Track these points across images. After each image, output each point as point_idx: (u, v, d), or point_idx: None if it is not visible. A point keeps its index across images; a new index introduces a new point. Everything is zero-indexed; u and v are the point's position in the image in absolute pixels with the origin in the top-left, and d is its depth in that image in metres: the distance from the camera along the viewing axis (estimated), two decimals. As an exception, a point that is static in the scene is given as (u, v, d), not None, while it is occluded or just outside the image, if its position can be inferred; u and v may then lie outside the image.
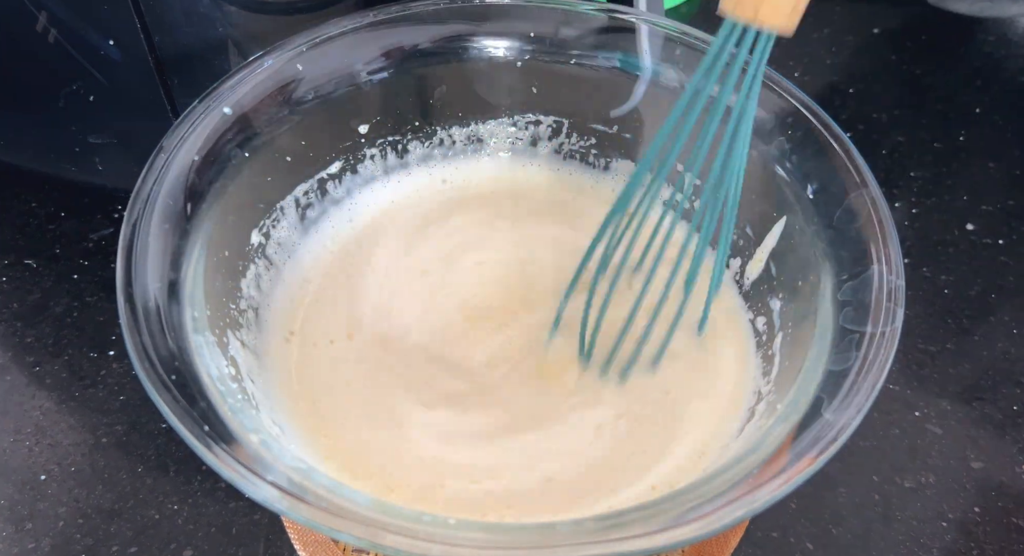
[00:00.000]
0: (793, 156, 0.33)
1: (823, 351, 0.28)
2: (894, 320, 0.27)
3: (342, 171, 0.38)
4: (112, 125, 0.41)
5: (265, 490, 0.22)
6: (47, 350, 0.41)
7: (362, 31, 0.36)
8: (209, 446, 0.23)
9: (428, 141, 0.40)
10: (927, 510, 0.36)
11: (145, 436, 0.38)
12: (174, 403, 0.24)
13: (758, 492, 0.23)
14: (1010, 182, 0.51)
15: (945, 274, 0.46)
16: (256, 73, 0.33)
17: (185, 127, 0.31)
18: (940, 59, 0.59)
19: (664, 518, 0.22)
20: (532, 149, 0.41)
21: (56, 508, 0.35)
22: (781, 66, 0.57)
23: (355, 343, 0.34)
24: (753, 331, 0.34)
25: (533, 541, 0.22)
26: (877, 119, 0.54)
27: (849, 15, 0.62)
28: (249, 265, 0.34)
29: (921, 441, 0.39)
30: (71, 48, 0.37)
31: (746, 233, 0.35)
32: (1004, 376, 0.41)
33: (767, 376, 0.32)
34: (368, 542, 0.21)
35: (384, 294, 0.36)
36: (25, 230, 0.46)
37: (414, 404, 0.32)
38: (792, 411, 0.26)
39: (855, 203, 0.30)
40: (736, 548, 0.34)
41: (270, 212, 0.35)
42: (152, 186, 0.29)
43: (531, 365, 0.34)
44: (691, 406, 0.33)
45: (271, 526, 0.35)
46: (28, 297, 0.43)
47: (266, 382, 0.32)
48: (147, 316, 0.26)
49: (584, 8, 0.37)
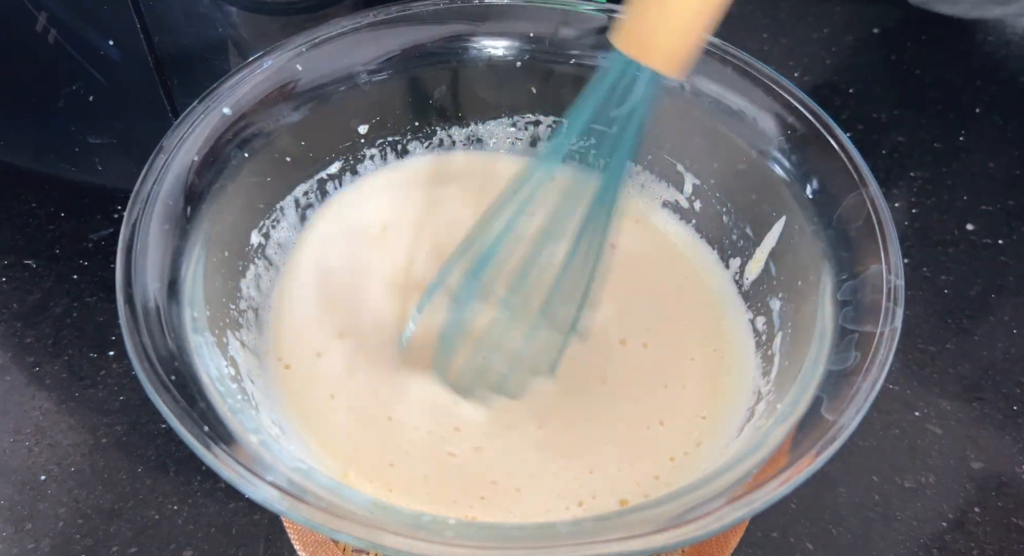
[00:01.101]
0: (793, 156, 0.33)
1: (823, 351, 0.27)
2: (894, 320, 0.27)
3: (342, 171, 0.38)
4: (112, 125, 0.41)
5: (265, 490, 0.22)
6: (47, 350, 0.41)
7: (362, 31, 0.36)
8: (208, 446, 0.23)
9: (428, 141, 0.40)
10: (927, 510, 0.36)
11: (145, 436, 0.38)
12: (173, 403, 0.24)
13: (758, 492, 0.23)
14: (1010, 182, 0.51)
15: (945, 274, 0.46)
16: (256, 73, 0.33)
17: (185, 127, 0.31)
18: (940, 59, 0.59)
19: (663, 518, 0.22)
20: (532, 150, 0.41)
21: (56, 508, 0.35)
22: (781, 66, 0.57)
23: (347, 343, 0.34)
24: (753, 331, 0.34)
25: (532, 541, 0.22)
26: (877, 119, 0.54)
27: (849, 15, 0.62)
28: (249, 265, 0.34)
29: (921, 441, 0.39)
30: (71, 48, 0.37)
31: (746, 233, 0.35)
32: (1004, 376, 0.41)
33: (767, 376, 0.32)
34: (367, 542, 0.21)
35: (382, 294, 0.36)
36: (25, 230, 0.46)
37: (407, 401, 0.32)
38: (791, 411, 0.26)
39: (855, 203, 0.30)
40: (736, 548, 0.34)
41: (270, 212, 0.35)
42: (152, 186, 0.29)
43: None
44: (690, 407, 0.33)
45: (271, 526, 0.35)
46: (28, 297, 0.43)
47: (266, 382, 0.32)
48: (147, 316, 0.26)
49: (584, 8, 0.37)
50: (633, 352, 0.34)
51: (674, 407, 0.33)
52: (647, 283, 0.37)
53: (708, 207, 0.37)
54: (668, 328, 0.35)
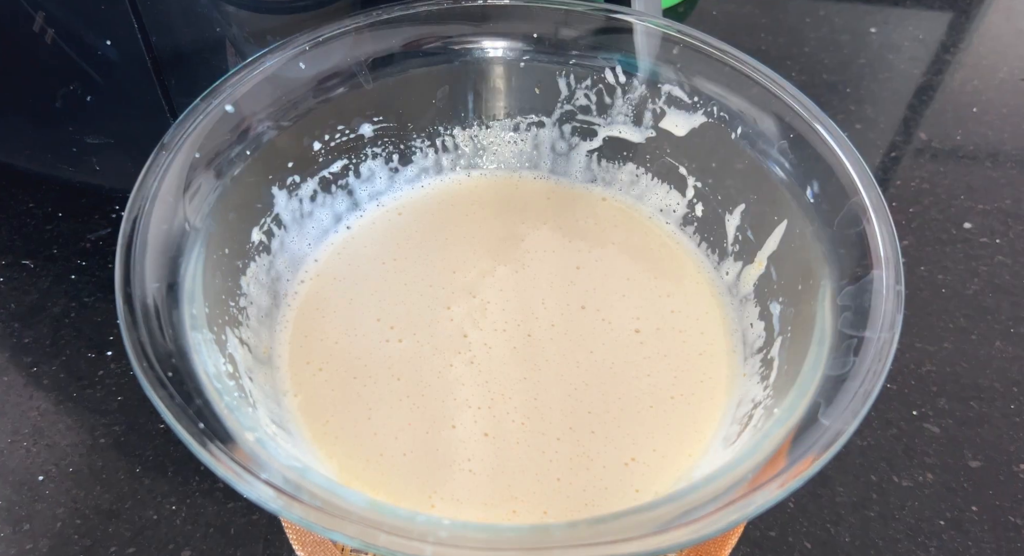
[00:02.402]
0: (792, 157, 0.33)
1: (821, 356, 0.27)
2: (893, 325, 0.27)
3: (344, 171, 0.38)
4: (109, 125, 0.41)
5: (260, 489, 0.22)
6: (44, 351, 0.41)
7: (363, 31, 0.36)
8: (204, 444, 0.23)
9: (429, 141, 0.40)
10: (925, 509, 0.36)
11: (143, 437, 0.38)
12: (170, 400, 0.24)
13: (754, 496, 0.23)
14: (1007, 181, 0.51)
15: (943, 273, 0.46)
16: (258, 71, 0.33)
17: (187, 125, 0.31)
18: (938, 59, 0.59)
19: (659, 521, 0.22)
20: (534, 151, 0.41)
21: (54, 509, 0.35)
22: (780, 66, 0.58)
23: (342, 345, 0.34)
24: (753, 335, 0.34)
25: (527, 543, 0.22)
26: (876, 119, 0.54)
27: (847, 15, 0.62)
28: (250, 263, 0.34)
29: (919, 440, 0.39)
30: (68, 48, 0.37)
31: (747, 236, 0.35)
32: (1001, 375, 0.41)
33: (765, 380, 0.31)
34: (361, 542, 0.21)
35: (379, 294, 0.36)
36: (22, 230, 0.46)
37: (405, 399, 0.32)
38: (789, 415, 0.26)
39: (855, 205, 0.30)
40: (734, 547, 0.34)
41: (271, 210, 0.35)
42: (153, 183, 0.29)
43: (528, 364, 0.34)
44: (689, 408, 0.33)
45: (270, 526, 0.35)
46: (25, 298, 0.43)
47: (264, 379, 0.32)
48: (145, 313, 0.26)
49: (583, 8, 0.37)
50: (631, 351, 0.34)
51: (671, 408, 0.33)
52: (646, 286, 0.37)
53: (710, 211, 0.37)
54: (668, 330, 0.35)
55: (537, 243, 0.38)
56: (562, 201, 0.41)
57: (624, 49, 0.37)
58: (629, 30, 0.37)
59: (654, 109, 0.38)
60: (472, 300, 0.36)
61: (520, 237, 0.39)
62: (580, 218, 0.40)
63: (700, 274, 0.37)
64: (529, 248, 0.38)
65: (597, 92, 0.39)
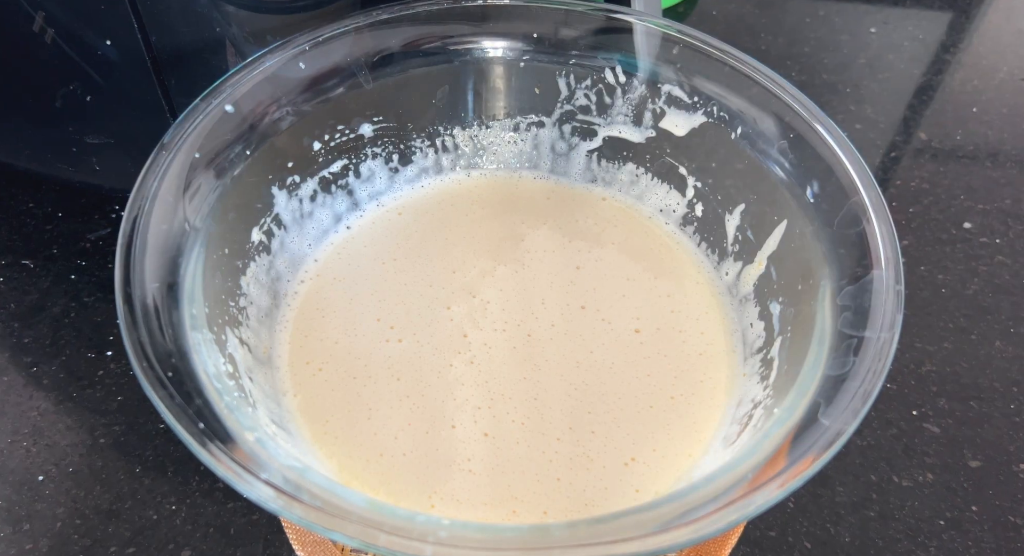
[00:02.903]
0: (792, 157, 0.33)
1: (821, 355, 0.27)
2: (893, 325, 0.27)
3: (343, 171, 0.38)
4: (109, 125, 0.41)
5: (260, 489, 0.22)
6: (44, 351, 0.41)
7: (362, 31, 0.36)
8: (204, 444, 0.23)
9: (429, 141, 0.40)
10: (925, 509, 0.36)
11: (143, 437, 0.38)
12: (169, 400, 0.24)
13: (754, 496, 0.23)
14: (1007, 181, 0.51)
15: (943, 273, 0.46)
16: (258, 71, 0.33)
17: (187, 125, 0.31)
18: (938, 58, 0.59)
19: (659, 521, 0.22)
20: (534, 151, 0.41)
21: (54, 509, 0.35)
22: (780, 66, 0.58)
23: (342, 345, 0.34)
24: (753, 335, 0.34)
25: (527, 543, 0.22)
26: (876, 119, 0.54)
27: (847, 15, 0.62)
28: (250, 263, 0.34)
29: (919, 440, 0.39)
30: (68, 48, 0.37)
31: (747, 236, 0.35)
32: (1001, 374, 0.41)
33: (765, 380, 0.31)
34: (361, 542, 0.21)
35: (379, 294, 0.36)
36: (22, 230, 0.46)
37: (405, 399, 0.32)
38: (789, 415, 0.26)
39: (855, 205, 0.30)
40: (734, 547, 0.34)
41: (271, 210, 0.35)
42: (153, 183, 0.29)
43: (528, 364, 0.34)
44: (689, 408, 0.33)
45: (269, 526, 0.35)
46: (25, 298, 0.43)
47: (264, 379, 0.32)
48: (145, 313, 0.26)
49: (583, 8, 0.37)
50: (631, 351, 0.34)
51: (670, 408, 0.33)
52: (646, 286, 0.37)
53: (710, 210, 0.37)
54: (668, 330, 0.35)
55: (537, 243, 0.38)
56: (562, 201, 0.41)
57: (624, 49, 0.37)
58: (629, 30, 0.37)
59: (654, 109, 0.38)
60: (472, 300, 0.36)
61: (520, 237, 0.39)
62: (580, 218, 0.40)
63: (700, 274, 0.37)
64: (529, 248, 0.38)
65: (597, 92, 0.39)
